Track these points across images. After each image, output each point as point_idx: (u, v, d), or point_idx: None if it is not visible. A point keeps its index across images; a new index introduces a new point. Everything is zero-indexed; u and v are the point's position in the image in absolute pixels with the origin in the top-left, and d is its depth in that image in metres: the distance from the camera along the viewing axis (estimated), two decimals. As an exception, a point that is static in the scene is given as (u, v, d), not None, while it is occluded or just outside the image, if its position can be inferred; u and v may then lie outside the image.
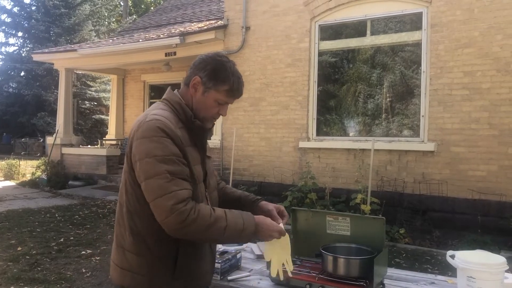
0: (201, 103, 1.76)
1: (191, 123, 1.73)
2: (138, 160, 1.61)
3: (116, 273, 1.78)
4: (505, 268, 1.92)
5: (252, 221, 1.69)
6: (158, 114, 1.66)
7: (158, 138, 1.59)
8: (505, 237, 5.97)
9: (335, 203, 7.27)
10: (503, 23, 6.52)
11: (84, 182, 11.64)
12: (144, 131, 1.61)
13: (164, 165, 1.56)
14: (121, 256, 1.75)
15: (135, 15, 29.23)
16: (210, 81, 1.73)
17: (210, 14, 12.52)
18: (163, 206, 1.54)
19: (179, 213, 1.53)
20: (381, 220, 2.29)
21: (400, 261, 5.52)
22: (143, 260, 1.69)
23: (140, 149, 1.60)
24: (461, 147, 6.79)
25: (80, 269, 5.16)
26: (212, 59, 1.76)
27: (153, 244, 1.68)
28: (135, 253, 1.70)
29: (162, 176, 1.55)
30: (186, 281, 1.75)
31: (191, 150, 1.71)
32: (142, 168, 1.59)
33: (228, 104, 1.81)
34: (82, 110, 23.62)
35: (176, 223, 1.54)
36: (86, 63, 12.48)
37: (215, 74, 1.73)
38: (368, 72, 8.23)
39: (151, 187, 1.57)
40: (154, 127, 1.60)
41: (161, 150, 1.58)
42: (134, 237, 1.70)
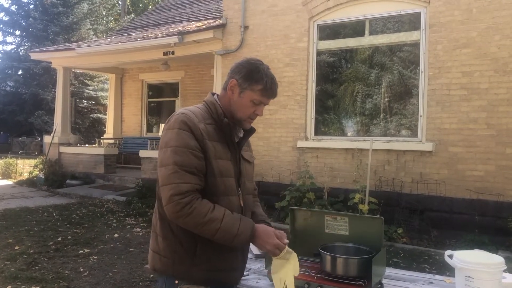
0: (238, 104, 1.87)
1: (220, 121, 1.84)
2: (159, 148, 1.81)
3: (150, 257, 1.92)
4: (503, 268, 1.93)
5: (250, 228, 1.78)
6: (187, 109, 1.85)
7: (177, 130, 1.75)
8: (503, 237, 5.98)
9: (333, 203, 7.27)
10: (501, 24, 6.53)
11: (82, 181, 11.61)
12: (171, 123, 1.80)
13: (174, 156, 1.71)
14: (154, 240, 1.90)
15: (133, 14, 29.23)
16: (246, 82, 1.85)
17: (209, 13, 12.51)
18: (164, 194, 1.72)
19: (175, 204, 1.68)
20: (379, 220, 2.29)
21: (398, 261, 5.53)
22: (168, 243, 1.83)
23: (163, 138, 1.79)
24: (459, 147, 6.80)
25: (78, 268, 5.16)
26: (247, 63, 1.89)
27: (175, 228, 1.80)
28: (163, 236, 1.84)
29: (169, 167, 1.71)
30: (206, 270, 1.83)
31: (216, 145, 1.81)
32: (159, 156, 1.79)
33: (263, 104, 1.91)
34: (80, 109, 23.56)
35: (172, 212, 1.70)
36: (84, 62, 12.47)
37: (250, 75, 1.85)
38: (366, 72, 8.23)
39: (160, 175, 1.76)
40: (178, 120, 1.77)
41: (176, 141, 1.73)
42: (162, 221, 1.85)
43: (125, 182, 11.36)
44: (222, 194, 1.81)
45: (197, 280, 1.83)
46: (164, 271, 1.85)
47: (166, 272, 1.85)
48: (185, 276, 1.82)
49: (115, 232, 6.94)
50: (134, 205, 8.87)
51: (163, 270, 1.85)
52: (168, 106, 14.29)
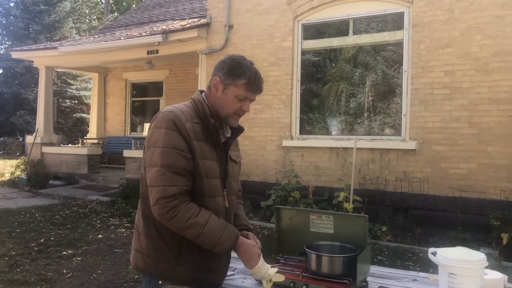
0: (223, 101, 1.86)
1: (207, 121, 1.83)
2: (147, 146, 1.79)
3: (132, 256, 1.91)
4: (485, 264, 1.95)
5: (232, 239, 1.79)
6: (175, 107, 1.82)
7: (165, 130, 1.73)
8: (485, 234, 6.07)
9: (318, 201, 7.30)
10: (482, 24, 6.63)
11: (65, 182, 11.47)
12: (158, 121, 1.77)
13: (162, 157, 1.70)
14: (137, 239, 1.89)
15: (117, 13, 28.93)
16: (228, 78, 1.84)
17: (193, 12, 12.45)
18: (152, 196, 1.72)
19: (161, 207, 1.69)
20: (363, 218, 2.30)
21: (382, 259, 5.57)
22: (152, 243, 1.82)
23: (151, 137, 1.77)
24: (442, 145, 6.88)
25: (61, 269, 5.09)
26: (229, 59, 1.89)
27: (161, 228, 1.79)
28: (146, 235, 1.83)
29: (157, 169, 1.70)
30: (191, 270, 1.82)
31: (203, 145, 1.80)
32: (147, 155, 1.77)
33: (249, 99, 1.90)
34: (62, 109, 23.27)
35: (157, 214, 1.71)
36: (67, 61, 12.32)
37: (232, 71, 1.84)
38: (351, 71, 8.28)
39: (148, 176, 1.74)
40: (165, 118, 1.75)
41: (164, 142, 1.72)
42: (145, 220, 1.84)
43: (109, 182, 11.25)
44: (208, 195, 1.80)
45: (181, 280, 1.81)
46: (147, 270, 1.84)
47: (149, 272, 1.83)
48: (169, 276, 1.81)
49: (99, 232, 6.87)
50: (118, 205, 8.79)
51: (146, 269, 1.84)
52: (152, 106, 14.19)
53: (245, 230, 2.01)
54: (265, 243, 2.49)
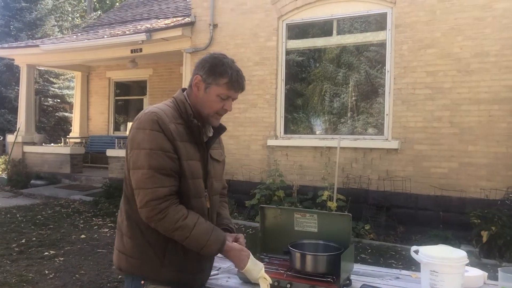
0: (205, 100, 1.84)
1: (190, 122, 1.80)
2: (130, 149, 1.75)
3: (115, 256, 1.89)
4: (465, 262, 1.99)
5: (220, 243, 1.78)
6: (158, 107, 1.79)
7: (150, 131, 1.70)
8: (465, 231, 6.18)
9: (303, 200, 7.34)
10: (463, 25, 6.73)
11: (47, 181, 11.32)
12: (141, 122, 1.74)
13: (149, 159, 1.68)
14: (120, 240, 1.86)
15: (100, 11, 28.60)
16: (210, 77, 1.81)
17: (177, 10, 12.40)
18: (140, 198, 1.70)
19: (151, 209, 1.67)
20: (347, 217, 2.33)
21: (365, 257, 5.63)
22: (136, 244, 1.80)
23: (134, 139, 1.73)
24: (424, 145, 6.97)
25: (43, 270, 5.03)
26: (210, 57, 1.86)
27: (145, 229, 1.77)
28: (130, 236, 1.81)
29: (144, 171, 1.68)
30: (176, 271, 1.82)
31: (187, 146, 1.78)
32: (131, 157, 1.73)
33: (231, 98, 1.88)
34: (44, 108, 22.91)
35: (146, 217, 1.70)
36: (49, 59, 12.16)
37: (213, 70, 1.81)
38: (334, 71, 8.33)
39: (135, 178, 1.72)
40: (149, 119, 1.72)
41: (149, 144, 1.69)
42: (129, 221, 1.82)
43: (92, 181, 11.14)
44: (194, 196, 1.80)
45: (165, 281, 1.81)
46: (130, 270, 1.83)
47: (132, 272, 1.82)
48: (153, 277, 1.80)
49: (82, 233, 6.80)
50: (101, 205, 8.71)
51: (130, 270, 1.83)
52: (136, 105, 14.08)
53: (226, 229, 2.01)
54: (250, 242, 2.49)
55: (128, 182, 1.80)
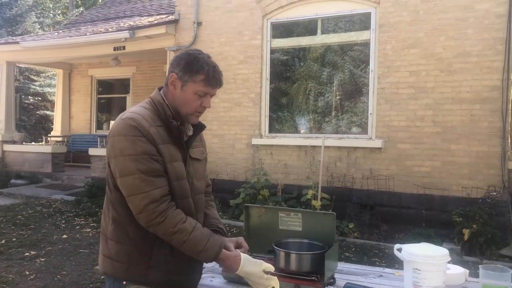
0: (182, 99, 1.79)
1: (169, 123, 1.77)
2: (113, 157, 1.69)
3: (100, 261, 1.86)
4: (447, 259, 2.01)
5: (216, 249, 1.76)
6: (135, 112, 1.73)
7: (131, 137, 1.66)
8: (447, 229, 6.26)
9: (287, 199, 7.35)
10: (446, 25, 6.81)
11: (28, 181, 11.14)
12: (119, 129, 1.69)
13: (137, 164, 1.65)
14: (104, 244, 1.83)
15: (82, 8, 28.24)
16: (186, 74, 1.77)
17: (161, 8, 12.31)
18: (136, 204, 1.66)
19: (150, 213, 1.65)
20: (331, 216, 2.33)
21: (349, 255, 5.66)
22: (122, 248, 1.77)
23: (116, 146, 1.68)
24: (407, 144, 7.04)
25: (24, 271, 4.94)
26: (184, 54, 1.82)
27: (131, 232, 1.75)
28: (116, 240, 1.78)
29: (135, 176, 1.65)
30: (163, 273, 1.79)
31: (170, 148, 1.76)
32: (117, 166, 1.68)
33: (209, 95, 1.82)
34: (25, 106, 22.56)
35: (145, 221, 1.67)
36: (30, 56, 11.97)
37: (189, 67, 1.76)
38: (319, 70, 8.36)
39: (125, 185, 1.67)
40: (128, 125, 1.67)
41: (133, 149, 1.65)
42: (115, 225, 1.78)
43: (74, 181, 11.00)
44: (180, 197, 1.78)
45: (154, 283, 1.78)
46: (116, 275, 1.79)
47: (119, 277, 1.79)
48: (140, 280, 1.77)
49: (64, 233, 6.70)
50: (83, 204, 8.60)
51: (116, 275, 1.79)
52: (119, 103, 13.95)
53: (215, 230, 1.99)
54: (234, 241, 2.48)
55: (112, 187, 1.77)
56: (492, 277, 2.07)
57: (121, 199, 1.74)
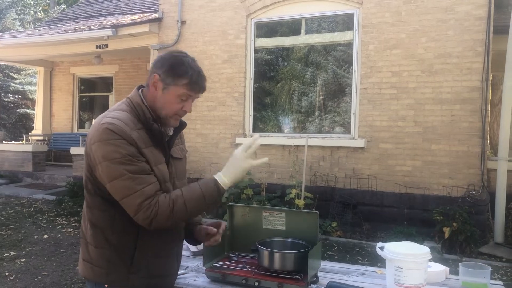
0: (163, 101, 1.75)
1: (149, 126, 1.73)
2: (98, 163, 1.64)
3: (80, 265, 1.83)
4: (428, 257, 2.04)
5: (209, 179, 1.73)
6: (114, 117, 1.67)
7: (113, 141, 1.61)
8: (428, 228, 6.35)
9: (271, 198, 7.37)
10: (427, 27, 6.91)
11: (8, 180, 10.96)
12: (99, 135, 1.63)
13: (124, 166, 1.61)
14: (84, 248, 1.80)
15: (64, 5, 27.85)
16: (169, 77, 1.72)
17: (144, 6, 12.21)
18: (131, 204, 1.62)
19: (145, 209, 1.60)
20: (314, 215, 2.35)
21: (332, 254, 5.70)
22: (101, 252, 1.74)
23: (98, 153, 1.63)
24: (389, 143, 7.12)
25: (3, 272, 4.86)
26: (170, 55, 1.78)
27: (111, 237, 1.72)
28: (94, 245, 1.75)
29: (125, 177, 1.60)
30: (145, 277, 1.77)
31: (153, 150, 1.73)
32: (104, 171, 1.63)
33: (191, 99, 1.79)
34: (5, 104, 22.16)
35: (144, 219, 1.61)
36: (9, 54, 11.77)
37: (173, 69, 1.72)
38: (302, 70, 8.40)
39: (116, 188, 1.62)
40: (108, 131, 1.62)
41: (117, 153, 1.61)
42: (93, 230, 1.75)
43: (55, 180, 10.85)
44: None
45: (136, 287, 1.76)
46: (96, 280, 1.76)
47: (99, 282, 1.76)
48: (121, 284, 1.75)
49: (45, 233, 6.61)
50: (65, 204, 8.49)
51: (96, 280, 1.76)
52: (102, 101, 13.80)
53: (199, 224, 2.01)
54: (218, 240, 2.48)
55: (92, 192, 1.73)
56: (472, 274, 2.11)
57: (99, 203, 1.72)
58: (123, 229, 1.71)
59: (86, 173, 1.74)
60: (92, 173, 1.69)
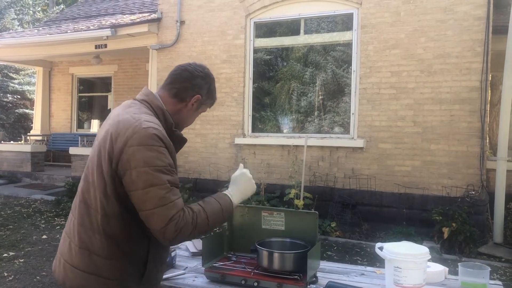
0: (190, 116, 1.86)
1: (171, 132, 1.73)
2: (134, 168, 1.56)
3: (75, 276, 1.69)
4: (427, 257, 2.04)
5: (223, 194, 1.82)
6: (152, 121, 1.65)
7: (157, 148, 1.59)
8: (427, 228, 6.35)
9: (270, 199, 7.36)
10: (426, 27, 6.91)
11: (7, 180, 10.95)
12: (141, 138, 1.58)
13: (164, 175, 1.57)
14: (85, 258, 1.67)
15: (63, 5, 27.83)
16: (208, 99, 1.88)
17: (143, 6, 12.20)
18: (164, 215, 1.55)
19: (176, 222, 1.55)
20: (313, 215, 2.35)
21: (332, 254, 5.70)
22: (115, 264, 1.65)
23: (137, 157, 1.56)
24: (388, 143, 7.12)
25: (2, 273, 4.85)
26: (209, 77, 1.88)
27: (125, 246, 1.66)
28: (106, 257, 1.65)
29: (163, 187, 1.56)
30: (153, 285, 1.77)
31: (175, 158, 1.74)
32: (140, 177, 1.56)
33: None
34: (4, 104, 22.13)
35: (173, 231, 1.55)
36: (8, 53, 11.74)
37: (212, 94, 1.89)
38: (302, 70, 8.40)
39: (150, 197, 1.55)
40: (153, 136, 1.59)
41: (161, 161, 1.58)
42: (107, 240, 1.64)
43: (54, 180, 10.85)
44: None
45: None
46: None
47: None
48: None
49: (44, 233, 6.60)
50: (64, 204, 8.48)
51: None
52: (100, 101, 13.79)
53: None
54: (217, 240, 2.48)
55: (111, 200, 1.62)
56: (471, 274, 2.11)
57: (121, 211, 1.63)
58: (138, 238, 1.67)
59: (109, 178, 1.62)
60: (119, 177, 1.60)
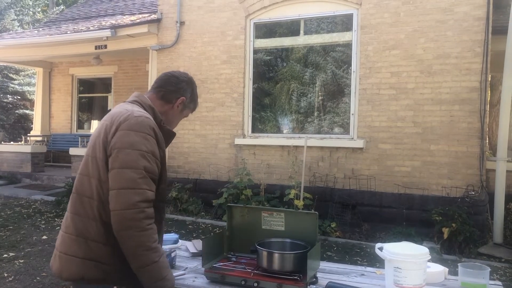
0: (176, 118, 2.02)
1: (160, 127, 1.84)
2: (118, 148, 1.66)
3: (72, 265, 1.73)
4: (427, 258, 2.04)
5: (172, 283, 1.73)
6: (143, 113, 1.79)
7: (145, 135, 1.69)
8: (428, 228, 6.35)
9: (270, 199, 7.37)
10: (426, 28, 6.91)
11: (7, 181, 10.95)
12: (132, 124, 1.70)
13: (143, 161, 1.65)
14: (82, 245, 1.72)
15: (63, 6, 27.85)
16: (191, 102, 2.05)
17: (143, 7, 12.21)
18: (127, 198, 1.60)
19: (139, 211, 1.59)
20: (313, 215, 2.35)
21: (331, 254, 5.70)
22: (111, 249, 1.70)
23: (124, 139, 1.67)
24: (388, 144, 7.12)
25: (2, 273, 4.85)
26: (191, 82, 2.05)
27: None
28: (103, 242, 1.71)
29: (138, 171, 1.63)
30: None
31: (164, 152, 1.84)
32: (120, 157, 1.65)
33: None
34: (4, 105, 22.14)
35: (129, 219, 1.59)
36: (8, 54, 11.74)
37: (194, 96, 2.06)
38: (301, 71, 8.40)
39: (122, 176, 1.62)
40: (144, 123, 1.72)
41: (144, 146, 1.68)
42: (105, 227, 1.70)
43: (54, 181, 10.85)
44: (161, 201, 1.83)
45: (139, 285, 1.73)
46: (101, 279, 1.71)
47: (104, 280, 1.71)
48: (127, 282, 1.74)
49: (44, 234, 6.60)
50: (64, 205, 8.47)
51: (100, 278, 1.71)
52: (100, 102, 13.79)
53: None
54: (217, 241, 2.49)
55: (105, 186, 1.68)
56: (471, 275, 2.11)
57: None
58: None
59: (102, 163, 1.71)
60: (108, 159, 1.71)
